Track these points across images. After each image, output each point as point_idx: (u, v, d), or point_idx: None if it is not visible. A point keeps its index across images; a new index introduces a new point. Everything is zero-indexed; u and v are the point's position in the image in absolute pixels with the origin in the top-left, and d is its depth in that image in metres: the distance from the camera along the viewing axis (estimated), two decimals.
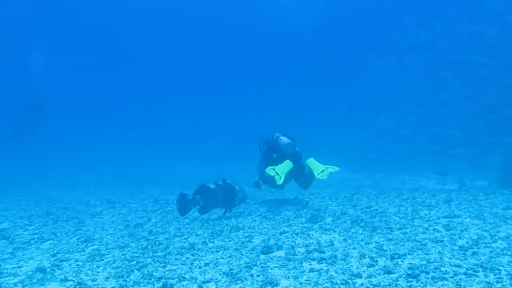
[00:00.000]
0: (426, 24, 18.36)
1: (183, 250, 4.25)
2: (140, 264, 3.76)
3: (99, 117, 33.27)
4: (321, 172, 6.64)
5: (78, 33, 32.49)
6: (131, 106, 34.53)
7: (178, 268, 3.60)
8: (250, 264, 3.60)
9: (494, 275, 2.95)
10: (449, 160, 14.12)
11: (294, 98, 26.78)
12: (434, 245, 3.91)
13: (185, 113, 32.94)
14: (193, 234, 5.05)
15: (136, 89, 35.06)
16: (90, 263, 3.89)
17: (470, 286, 2.75)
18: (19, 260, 4.05)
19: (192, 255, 4.04)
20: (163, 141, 28.97)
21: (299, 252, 3.93)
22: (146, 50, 34.60)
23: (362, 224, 5.05)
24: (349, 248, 3.94)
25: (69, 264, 3.86)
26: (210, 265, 3.66)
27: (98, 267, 3.73)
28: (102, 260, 3.98)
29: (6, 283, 3.30)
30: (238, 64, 32.25)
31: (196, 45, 33.61)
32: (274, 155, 7.04)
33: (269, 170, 6.63)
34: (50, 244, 4.77)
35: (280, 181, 6.56)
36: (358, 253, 3.74)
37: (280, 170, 6.58)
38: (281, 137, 7.09)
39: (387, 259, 3.51)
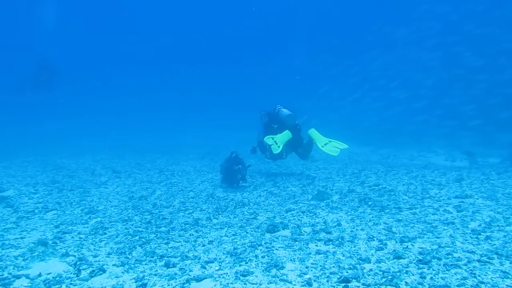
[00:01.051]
0: None
1: (186, 226, 4.18)
2: (143, 240, 3.70)
3: (108, 83, 33.14)
4: (325, 144, 6.84)
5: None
6: (144, 73, 34.31)
7: (181, 245, 3.52)
8: (255, 243, 3.51)
9: (510, 263, 2.83)
10: (460, 135, 13.85)
11: (306, 68, 26.39)
12: (445, 227, 3.78)
13: (200, 82, 32.74)
14: (198, 209, 4.98)
15: (148, 56, 34.71)
16: (93, 236, 3.83)
17: (485, 275, 2.63)
18: (22, 231, 4.00)
19: (196, 231, 3.97)
20: (172, 108, 28.96)
21: (305, 232, 3.84)
22: (159, 16, 33.87)
23: (370, 203, 4.93)
24: (356, 229, 3.84)
25: (72, 237, 3.80)
26: (214, 243, 3.58)
27: (101, 241, 3.67)
28: (105, 233, 3.92)
29: (7, 256, 3.25)
30: (253, 33, 31.62)
31: (207, 15, 32.91)
32: (275, 126, 7.28)
33: (268, 139, 6.82)
34: (54, 214, 4.72)
35: (277, 150, 6.72)
36: (366, 235, 3.63)
37: (279, 140, 6.77)
38: (283, 109, 7.31)
39: (396, 242, 3.40)
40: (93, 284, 2.69)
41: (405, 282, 2.57)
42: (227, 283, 2.66)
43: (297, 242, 3.51)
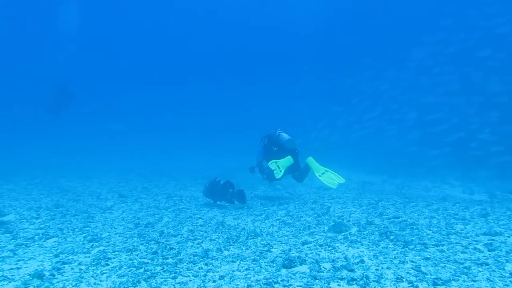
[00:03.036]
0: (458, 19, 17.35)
1: (195, 257, 3.87)
2: (148, 273, 3.39)
3: (110, 106, 33.37)
4: (322, 174, 7.34)
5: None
6: (147, 94, 34.58)
7: (190, 280, 3.21)
8: (270, 280, 3.20)
9: None
10: (472, 165, 13.45)
11: (314, 91, 26.33)
12: (479, 269, 3.44)
13: (201, 105, 32.82)
14: (207, 238, 4.67)
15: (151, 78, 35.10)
16: (94, 268, 3.54)
17: None
18: (18, 260, 3.72)
19: (206, 264, 3.66)
20: (178, 132, 28.91)
21: (325, 269, 3.51)
22: (149, 44, 34.40)
23: (392, 237, 4.59)
24: (382, 268, 3.50)
25: (71, 268, 3.51)
26: (225, 278, 3.26)
27: (102, 274, 3.37)
28: (108, 265, 3.62)
29: None
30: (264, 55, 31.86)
31: (206, 39, 33.41)
32: (275, 148, 7.77)
33: (271, 164, 7.35)
34: (54, 242, 4.44)
35: (279, 175, 7.29)
36: (394, 275, 3.30)
37: (282, 165, 7.32)
38: (283, 133, 7.74)
39: (429, 285, 3.06)
40: None
41: None
42: None
43: (317, 281, 3.18)
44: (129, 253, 4.02)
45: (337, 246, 4.26)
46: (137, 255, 3.95)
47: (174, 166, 16.17)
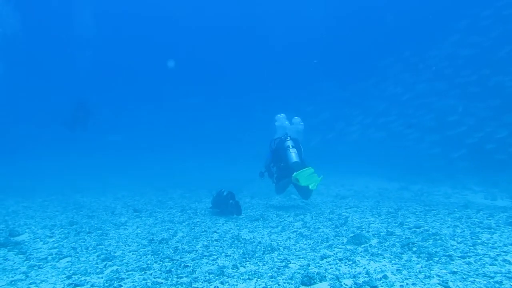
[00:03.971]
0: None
1: (211, 275, 3.74)
2: None
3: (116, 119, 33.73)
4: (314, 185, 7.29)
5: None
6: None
7: None
8: None
9: None
10: (493, 169, 13.06)
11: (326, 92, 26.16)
12: None
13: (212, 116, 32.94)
14: (223, 254, 4.54)
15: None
16: None
17: None
18: (30, 283, 3.64)
19: (222, 283, 3.53)
20: (190, 141, 29.04)
21: (346, 285, 3.35)
22: (155, 52, 34.67)
23: (414, 249, 4.39)
24: (407, 284, 3.32)
25: None
26: None
27: None
28: (121, 286, 3.52)
29: None
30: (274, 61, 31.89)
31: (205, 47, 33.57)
32: (282, 164, 7.72)
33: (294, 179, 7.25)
34: (67, 262, 4.36)
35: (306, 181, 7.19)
36: None
37: (302, 177, 7.19)
38: (291, 150, 7.57)
39: None
40: None
41: None
42: None
43: None
44: (143, 272, 3.91)
45: (357, 260, 4.09)
46: (151, 274, 3.84)
47: (190, 178, 16.13)
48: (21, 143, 27.83)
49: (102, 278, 3.76)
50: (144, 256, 4.53)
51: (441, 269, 3.66)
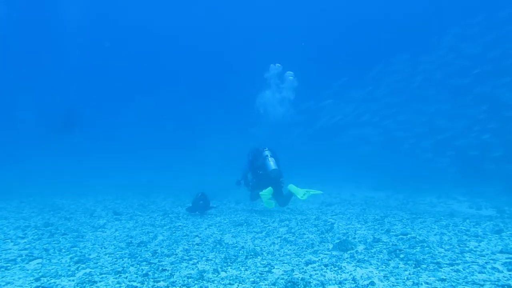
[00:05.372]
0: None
1: (190, 280, 3.54)
2: None
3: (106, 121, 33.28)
4: (304, 195, 7.60)
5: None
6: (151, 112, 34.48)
7: None
8: None
9: None
10: (478, 180, 13.09)
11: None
12: None
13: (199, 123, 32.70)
14: (204, 258, 4.34)
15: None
16: None
17: None
18: None
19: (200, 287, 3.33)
20: (178, 147, 28.70)
21: None
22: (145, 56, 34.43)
23: (401, 255, 4.26)
24: None
25: None
26: None
27: None
28: None
29: None
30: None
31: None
32: (260, 172, 8.10)
33: (263, 196, 7.62)
34: (37, 264, 4.11)
35: (271, 205, 7.69)
36: None
37: (265, 196, 7.59)
38: (269, 158, 7.98)
39: None
40: None
41: None
42: None
43: None
44: (118, 275, 3.69)
45: (343, 266, 3.94)
46: (126, 277, 3.62)
47: (175, 183, 15.83)
48: (3, 145, 27.12)
49: (73, 281, 3.53)
50: (121, 259, 4.30)
51: (429, 276, 3.53)
